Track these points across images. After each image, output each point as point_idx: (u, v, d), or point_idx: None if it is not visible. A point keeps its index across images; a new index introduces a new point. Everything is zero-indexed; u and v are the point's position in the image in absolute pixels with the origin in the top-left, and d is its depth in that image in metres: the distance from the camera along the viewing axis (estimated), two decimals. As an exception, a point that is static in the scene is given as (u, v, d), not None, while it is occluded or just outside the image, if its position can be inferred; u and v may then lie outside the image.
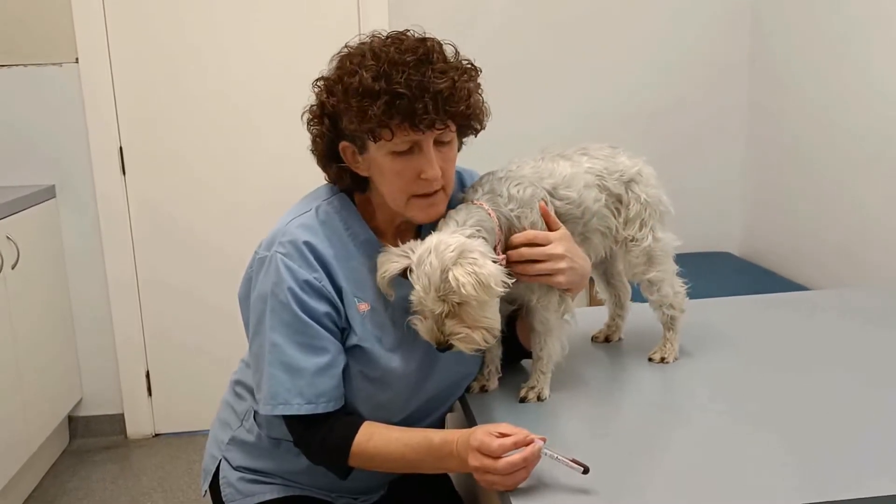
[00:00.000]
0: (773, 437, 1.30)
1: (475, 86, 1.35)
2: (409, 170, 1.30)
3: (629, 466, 1.24)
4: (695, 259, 3.16)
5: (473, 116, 1.35)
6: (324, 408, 1.31)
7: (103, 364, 3.22)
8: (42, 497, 2.85)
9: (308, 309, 1.31)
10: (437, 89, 1.26)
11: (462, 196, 1.41)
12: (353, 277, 1.36)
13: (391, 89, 1.25)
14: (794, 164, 2.99)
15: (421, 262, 1.25)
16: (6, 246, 2.66)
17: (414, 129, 1.26)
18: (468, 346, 1.27)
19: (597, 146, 1.53)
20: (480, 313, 1.26)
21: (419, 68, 1.27)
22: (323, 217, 1.38)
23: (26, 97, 3.01)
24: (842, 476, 1.17)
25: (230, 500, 1.49)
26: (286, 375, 1.31)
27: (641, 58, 3.24)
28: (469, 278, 1.22)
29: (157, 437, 3.29)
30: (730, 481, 1.17)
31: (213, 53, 3.07)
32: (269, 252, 1.34)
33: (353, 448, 1.30)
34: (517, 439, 1.15)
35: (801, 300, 2.09)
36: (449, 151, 1.34)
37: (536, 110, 3.19)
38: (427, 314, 1.26)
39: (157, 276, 3.19)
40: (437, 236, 1.28)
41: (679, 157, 3.25)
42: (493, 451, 1.15)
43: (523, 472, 1.15)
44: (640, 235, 1.52)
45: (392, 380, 1.37)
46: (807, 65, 2.87)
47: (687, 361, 1.60)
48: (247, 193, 3.14)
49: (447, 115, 1.28)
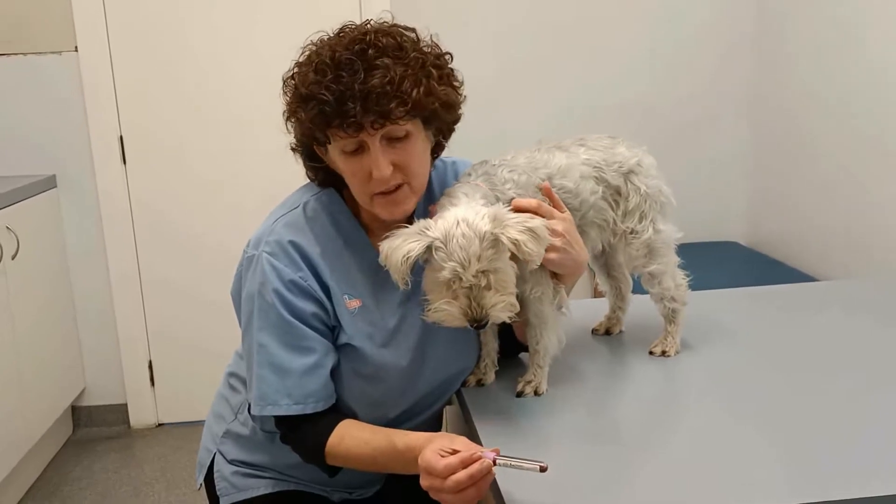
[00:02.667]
0: (774, 434, 1.28)
1: (433, 76, 1.27)
2: (361, 170, 1.27)
3: (627, 462, 1.22)
4: (701, 249, 3.14)
5: (419, 110, 1.25)
6: (312, 408, 1.30)
7: (106, 354, 3.22)
8: (45, 486, 2.86)
9: (294, 309, 1.30)
10: (367, 88, 1.20)
11: (455, 183, 1.38)
12: (343, 274, 1.34)
13: (316, 95, 1.22)
14: (800, 151, 2.95)
15: (450, 237, 1.19)
16: (6, 236, 2.66)
17: (345, 132, 1.23)
18: (509, 314, 1.22)
19: (595, 137, 1.50)
20: (510, 278, 1.23)
21: (351, 66, 1.21)
22: (311, 214, 1.36)
23: (26, 86, 3.00)
24: (844, 475, 1.15)
25: (224, 494, 1.49)
26: (274, 376, 1.30)
27: (641, 45, 3.19)
28: (524, 235, 1.19)
29: (160, 427, 3.29)
30: (728, 478, 1.15)
31: (212, 44, 3.05)
32: (256, 251, 1.33)
33: (327, 450, 1.29)
34: (464, 457, 1.10)
35: (807, 292, 2.06)
36: (406, 146, 1.27)
37: (533, 101, 3.15)
38: (460, 293, 1.20)
39: (159, 266, 3.18)
40: (454, 211, 1.24)
41: (684, 145, 3.22)
42: (439, 472, 1.10)
43: (472, 490, 1.10)
44: (639, 227, 1.49)
45: (385, 376, 1.36)
46: (812, 50, 2.82)
47: (688, 355, 1.57)
48: (247, 183, 3.12)
49: (378, 114, 1.21)
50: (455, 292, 1.21)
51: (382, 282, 1.36)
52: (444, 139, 1.41)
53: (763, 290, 2.01)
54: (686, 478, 1.17)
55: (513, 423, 1.33)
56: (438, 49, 1.32)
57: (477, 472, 1.09)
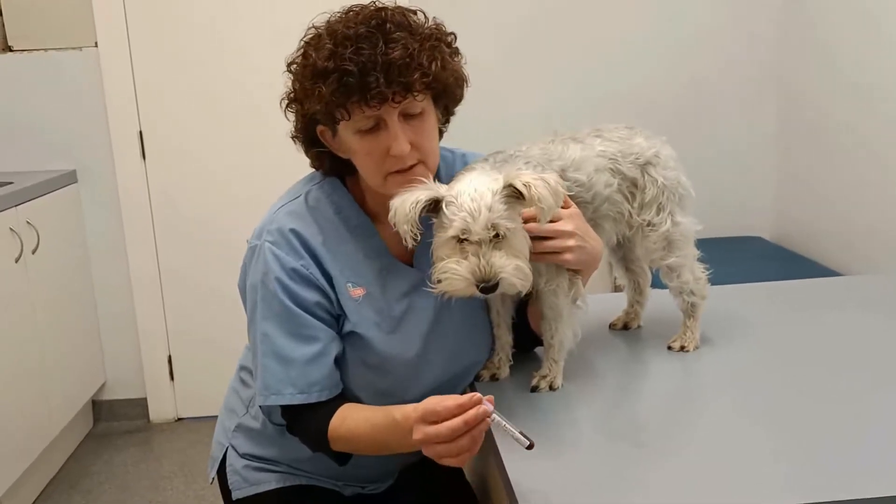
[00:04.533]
0: (794, 432, 1.24)
1: (444, 51, 1.28)
2: (378, 148, 1.26)
3: (642, 459, 1.20)
4: (724, 244, 3.09)
5: (438, 83, 1.26)
6: (317, 397, 1.29)
7: (126, 349, 3.24)
8: (65, 479, 2.88)
9: (296, 298, 1.29)
10: (389, 60, 1.20)
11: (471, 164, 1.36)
12: (347, 263, 1.33)
13: (340, 67, 1.21)
14: (827, 143, 2.88)
15: (462, 193, 1.19)
16: (27, 231, 2.67)
17: (368, 105, 1.21)
18: (520, 280, 1.20)
19: (612, 127, 1.47)
20: (523, 245, 1.21)
21: (371, 40, 1.21)
22: (312, 203, 1.35)
23: (47, 82, 3.02)
24: (865, 474, 1.11)
25: (236, 489, 1.48)
26: (278, 366, 1.29)
27: (663, 31, 3.11)
28: (538, 181, 1.18)
29: (180, 422, 3.30)
30: (744, 477, 1.12)
31: (230, 38, 3.05)
32: (259, 241, 1.32)
33: (330, 433, 1.27)
34: (461, 401, 1.08)
35: (829, 287, 2.02)
36: (421, 123, 1.27)
37: (547, 92, 3.10)
38: (469, 250, 1.18)
39: (179, 261, 3.19)
40: (468, 175, 1.23)
41: (706, 138, 3.16)
42: (438, 414, 1.08)
43: (466, 437, 1.07)
44: (657, 220, 1.46)
45: (391, 367, 1.34)
46: (842, 37, 2.74)
47: (708, 350, 1.54)
48: (266, 178, 3.10)
49: (402, 86, 1.21)
50: (464, 251, 1.19)
51: (388, 269, 1.35)
52: (446, 123, 1.39)
53: (785, 285, 1.97)
54: (701, 477, 1.14)
55: (527, 418, 1.31)
56: (444, 28, 1.32)
57: (473, 418, 1.06)
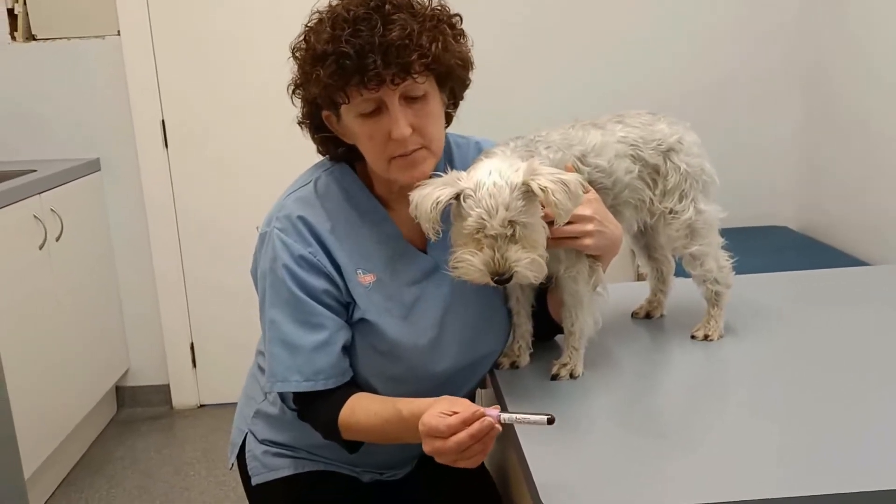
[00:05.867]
0: (816, 426, 1.22)
1: (447, 32, 1.25)
2: (379, 131, 1.24)
3: (662, 449, 1.18)
4: (750, 234, 3.04)
5: (439, 65, 1.23)
6: (323, 385, 1.29)
7: (149, 336, 3.27)
8: (89, 464, 2.91)
9: (304, 285, 1.28)
10: (386, 41, 1.18)
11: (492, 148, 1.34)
12: (356, 249, 1.32)
13: (337, 50, 1.19)
14: (853, 132, 2.82)
15: (481, 185, 1.17)
16: (51, 218, 2.70)
17: (366, 87, 1.20)
18: (534, 273, 1.19)
19: (634, 113, 1.45)
20: (540, 236, 1.20)
21: (369, 21, 1.19)
22: (322, 189, 1.34)
23: (70, 70, 3.04)
24: (890, 467, 1.09)
25: (256, 474, 1.48)
26: (285, 352, 1.29)
27: (688, 22, 3.06)
28: (557, 185, 1.16)
29: (202, 408, 3.33)
30: (765, 469, 1.10)
31: (252, 27, 3.04)
32: (268, 228, 1.32)
33: (341, 423, 1.27)
34: (465, 416, 1.08)
35: (855, 276, 1.98)
36: (424, 106, 1.25)
37: (568, 85, 3.05)
38: (485, 243, 1.17)
39: (201, 249, 3.20)
40: (488, 162, 1.22)
41: (732, 126, 3.11)
42: (441, 432, 1.08)
43: (478, 446, 1.08)
44: (679, 207, 1.44)
45: (402, 353, 1.33)
46: (868, 26, 2.69)
47: (731, 339, 1.51)
48: (287, 164, 3.09)
49: (400, 67, 1.19)
50: (480, 243, 1.18)
51: (400, 255, 1.34)
52: (454, 106, 1.38)
53: (810, 275, 1.94)
54: (722, 468, 1.12)
55: (547, 406, 1.29)
56: (449, 9, 1.30)
57: (478, 431, 1.07)
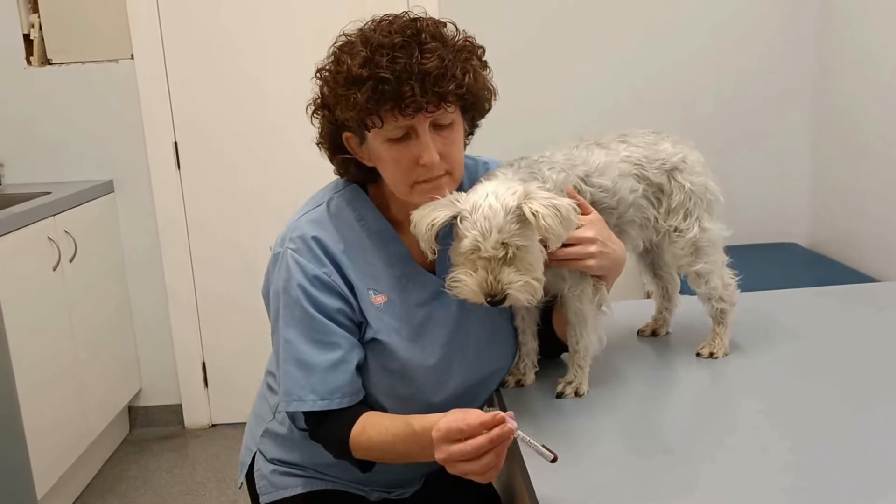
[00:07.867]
0: (824, 444, 1.22)
1: (475, 64, 1.30)
2: (407, 157, 1.27)
3: (667, 469, 1.18)
4: (760, 251, 3.04)
5: (471, 95, 1.29)
6: (338, 404, 1.29)
7: (161, 356, 3.29)
8: (102, 484, 2.93)
9: (318, 304, 1.30)
10: (424, 70, 1.21)
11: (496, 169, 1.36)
12: (368, 270, 1.34)
13: (375, 74, 1.22)
14: (864, 148, 2.82)
15: (477, 208, 1.20)
16: (64, 240, 2.73)
17: (402, 113, 1.23)
18: (527, 296, 1.21)
19: (639, 132, 1.47)
20: (536, 259, 1.22)
21: (407, 49, 1.23)
22: (334, 210, 1.36)
23: (84, 93, 3.09)
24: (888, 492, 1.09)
25: (264, 493, 1.49)
26: (299, 372, 1.30)
27: (694, 29, 3.06)
28: (548, 210, 1.18)
29: (214, 428, 3.34)
30: (770, 490, 1.10)
31: (264, 51, 3.09)
32: (281, 248, 1.34)
33: (352, 441, 1.28)
34: (484, 419, 1.08)
35: (863, 293, 1.97)
36: (451, 134, 1.29)
37: (572, 93, 3.07)
38: (479, 265, 1.20)
39: (213, 270, 3.23)
40: (487, 185, 1.24)
41: (741, 142, 3.11)
42: (462, 432, 1.08)
43: (491, 454, 1.07)
44: (684, 226, 1.45)
45: (412, 373, 1.34)
46: (879, 40, 2.70)
47: (737, 357, 1.52)
48: (299, 185, 3.13)
49: (436, 96, 1.23)
50: (475, 264, 1.21)
51: (409, 276, 1.36)
52: (470, 135, 1.40)
53: (820, 291, 1.93)
54: (727, 487, 1.12)
55: (552, 424, 1.31)
56: (475, 41, 1.33)
57: (497, 437, 1.07)
